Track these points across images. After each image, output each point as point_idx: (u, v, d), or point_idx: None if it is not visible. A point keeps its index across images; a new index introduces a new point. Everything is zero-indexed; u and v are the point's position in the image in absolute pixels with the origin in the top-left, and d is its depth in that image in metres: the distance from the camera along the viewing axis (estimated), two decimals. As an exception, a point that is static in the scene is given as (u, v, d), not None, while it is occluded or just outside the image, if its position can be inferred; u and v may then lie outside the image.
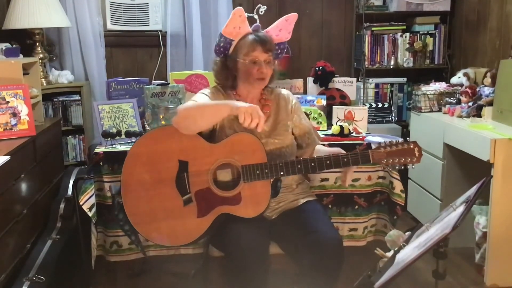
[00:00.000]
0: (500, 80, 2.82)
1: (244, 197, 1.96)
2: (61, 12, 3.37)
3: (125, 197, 1.97)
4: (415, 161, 1.94)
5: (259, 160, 1.95)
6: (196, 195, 1.96)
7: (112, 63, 3.83)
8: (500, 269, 2.59)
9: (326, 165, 1.95)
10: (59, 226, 2.55)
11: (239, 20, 2.09)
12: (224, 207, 1.96)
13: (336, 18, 4.03)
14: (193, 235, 1.97)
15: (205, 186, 1.96)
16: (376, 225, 2.69)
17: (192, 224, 1.96)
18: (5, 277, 1.98)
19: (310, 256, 1.92)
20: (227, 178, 2.00)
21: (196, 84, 2.92)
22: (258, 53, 2.05)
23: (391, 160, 1.94)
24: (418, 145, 1.94)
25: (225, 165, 1.98)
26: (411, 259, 1.45)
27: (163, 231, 1.97)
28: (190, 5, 3.74)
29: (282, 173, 1.95)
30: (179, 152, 1.96)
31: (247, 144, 1.96)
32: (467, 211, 1.52)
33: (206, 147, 1.97)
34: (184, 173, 1.96)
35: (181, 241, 2.03)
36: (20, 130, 2.42)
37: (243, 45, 2.08)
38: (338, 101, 2.99)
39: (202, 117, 1.91)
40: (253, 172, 1.94)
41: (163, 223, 1.97)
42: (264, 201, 1.97)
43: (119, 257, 2.57)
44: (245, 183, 1.95)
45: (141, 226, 1.98)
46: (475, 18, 3.58)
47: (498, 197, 2.54)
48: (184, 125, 1.92)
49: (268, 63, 2.07)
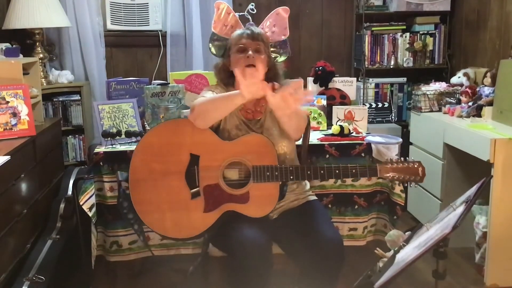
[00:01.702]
0: (500, 80, 2.82)
1: (252, 197, 1.97)
2: (61, 12, 3.37)
3: (132, 185, 1.98)
4: (418, 180, 1.98)
5: (270, 162, 1.97)
6: (205, 190, 1.97)
7: (112, 63, 3.83)
8: (500, 269, 2.59)
9: (335, 174, 1.98)
10: (59, 226, 2.55)
11: (228, 18, 2.12)
12: (232, 204, 1.97)
13: (336, 18, 4.03)
14: (197, 229, 1.98)
15: (214, 181, 1.97)
16: (376, 225, 2.69)
17: (198, 218, 1.97)
18: (5, 277, 1.98)
19: (310, 256, 1.92)
20: (236, 176, 2.01)
21: (196, 84, 2.92)
22: (244, 41, 2.09)
23: (396, 176, 1.98)
24: (423, 165, 1.99)
25: (235, 163, 1.99)
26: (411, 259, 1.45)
27: (167, 222, 1.97)
28: (190, 5, 3.74)
29: (292, 177, 1.98)
30: (192, 145, 1.97)
31: (260, 145, 1.98)
32: (467, 211, 1.52)
33: (219, 143, 1.99)
34: (194, 166, 1.97)
35: (184, 234, 2.02)
36: (20, 130, 2.42)
37: (233, 39, 2.15)
38: (338, 101, 2.99)
39: (216, 109, 1.93)
40: (263, 173, 1.95)
41: (168, 214, 1.97)
42: (271, 202, 1.99)
43: (119, 257, 2.57)
44: (254, 183, 1.96)
45: (145, 215, 1.98)
46: (475, 18, 3.58)
47: (498, 197, 2.54)
48: (201, 118, 1.94)
49: (257, 51, 2.08)
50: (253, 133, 2.03)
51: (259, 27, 2.24)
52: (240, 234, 1.91)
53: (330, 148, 2.55)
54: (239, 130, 2.08)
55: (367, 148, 2.55)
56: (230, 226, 1.96)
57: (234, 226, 1.95)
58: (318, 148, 2.55)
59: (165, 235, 2.03)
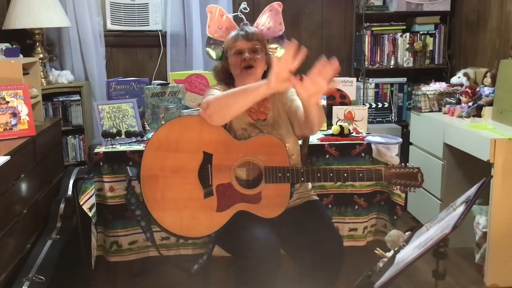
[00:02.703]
0: (500, 80, 2.82)
1: (264, 197, 1.97)
2: (61, 12, 3.37)
3: (144, 180, 1.94)
4: (417, 186, 2.01)
5: (282, 164, 1.97)
6: (217, 189, 1.96)
7: (112, 63, 3.83)
8: (500, 269, 2.59)
9: (344, 178, 1.98)
10: (59, 226, 2.55)
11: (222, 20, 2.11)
12: (244, 204, 1.97)
13: (336, 18, 4.03)
14: (210, 228, 1.97)
15: (226, 181, 1.97)
16: (376, 225, 2.69)
17: (210, 217, 1.95)
18: (5, 277, 1.98)
19: (311, 256, 1.93)
20: (247, 176, 2.01)
21: (196, 84, 2.92)
22: (240, 43, 2.10)
23: (398, 181, 2.00)
24: (421, 171, 2.01)
25: (247, 163, 1.99)
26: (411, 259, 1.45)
27: (180, 220, 1.95)
28: (190, 5, 3.73)
29: (303, 179, 1.98)
30: (205, 143, 1.96)
31: (272, 146, 1.98)
32: (467, 211, 1.52)
33: (232, 143, 1.98)
34: (208, 165, 1.96)
35: (197, 233, 1.99)
36: (20, 130, 2.42)
37: (229, 41, 2.15)
38: (338, 101, 2.99)
39: (237, 102, 1.87)
40: (275, 174, 1.96)
41: (181, 212, 1.95)
42: (283, 203, 1.99)
43: (119, 257, 2.57)
44: (266, 184, 1.96)
45: (156, 211, 1.95)
46: (475, 18, 3.58)
47: (498, 197, 2.54)
48: (219, 114, 1.89)
49: (254, 52, 2.08)
50: (266, 133, 2.03)
51: (253, 26, 2.23)
52: (251, 235, 1.89)
53: (330, 148, 2.55)
54: (245, 130, 2.07)
55: (367, 148, 2.55)
56: (238, 226, 1.95)
57: (243, 226, 1.94)
58: (318, 148, 2.55)
59: (177, 233, 1.99)
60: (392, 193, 2.52)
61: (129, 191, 2.10)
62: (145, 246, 2.58)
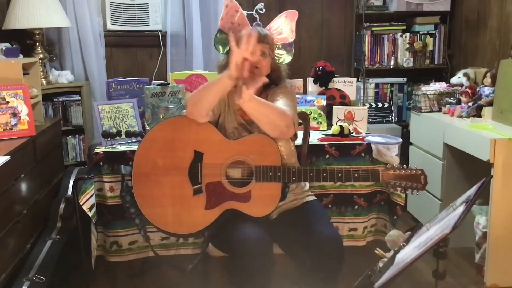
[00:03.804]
0: (500, 80, 2.82)
1: (254, 196, 1.98)
2: (61, 12, 3.37)
3: (135, 178, 2.00)
4: (420, 188, 2.00)
5: (273, 163, 1.98)
6: (207, 187, 1.98)
7: (112, 63, 3.83)
8: (500, 269, 2.59)
9: (337, 178, 1.98)
10: (59, 226, 2.55)
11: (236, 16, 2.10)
12: (233, 202, 1.98)
13: (336, 18, 4.03)
14: (198, 225, 1.99)
15: (216, 179, 1.99)
16: (376, 225, 2.69)
17: (198, 214, 1.98)
18: (5, 277, 1.98)
19: (310, 256, 1.93)
20: (239, 175, 2.02)
21: (196, 84, 2.92)
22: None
23: (398, 183, 1.99)
24: (425, 173, 1.99)
25: (238, 162, 2.00)
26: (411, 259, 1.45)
27: (168, 217, 1.99)
28: (190, 5, 3.74)
29: (294, 179, 1.98)
30: (196, 142, 1.99)
31: (264, 145, 1.99)
32: (467, 211, 1.52)
33: (223, 142, 2.00)
34: (198, 163, 1.98)
35: (184, 230, 2.03)
36: (20, 130, 2.42)
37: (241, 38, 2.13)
38: (338, 101, 2.99)
39: (207, 95, 1.90)
40: (266, 174, 1.96)
41: (169, 209, 1.99)
42: (273, 202, 1.99)
43: (119, 257, 2.57)
44: (256, 182, 1.97)
45: (146, 208, 2.00)
46: (475, 18, 3.58)
47: (498, 197, 2.54)
48: (195, 109, 1.94)
49: (262, 54, 2.08)
50: (258, 133, 2.03)
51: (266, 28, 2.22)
52: (241, 234, 1.91)
53: (330, 148, 2.55)
54: (237, 130, 2.09)
55: (367, 148, 2.55)
56: (230, 226, 1.97)
57: (235, 226, 1.95)
58: (318, 148, 2.55)
59: (165, 230, 2.04)
60: (392, 193, 2.52)
61: (123, 189, 2.13)
62: (145, 246, 2.58)
